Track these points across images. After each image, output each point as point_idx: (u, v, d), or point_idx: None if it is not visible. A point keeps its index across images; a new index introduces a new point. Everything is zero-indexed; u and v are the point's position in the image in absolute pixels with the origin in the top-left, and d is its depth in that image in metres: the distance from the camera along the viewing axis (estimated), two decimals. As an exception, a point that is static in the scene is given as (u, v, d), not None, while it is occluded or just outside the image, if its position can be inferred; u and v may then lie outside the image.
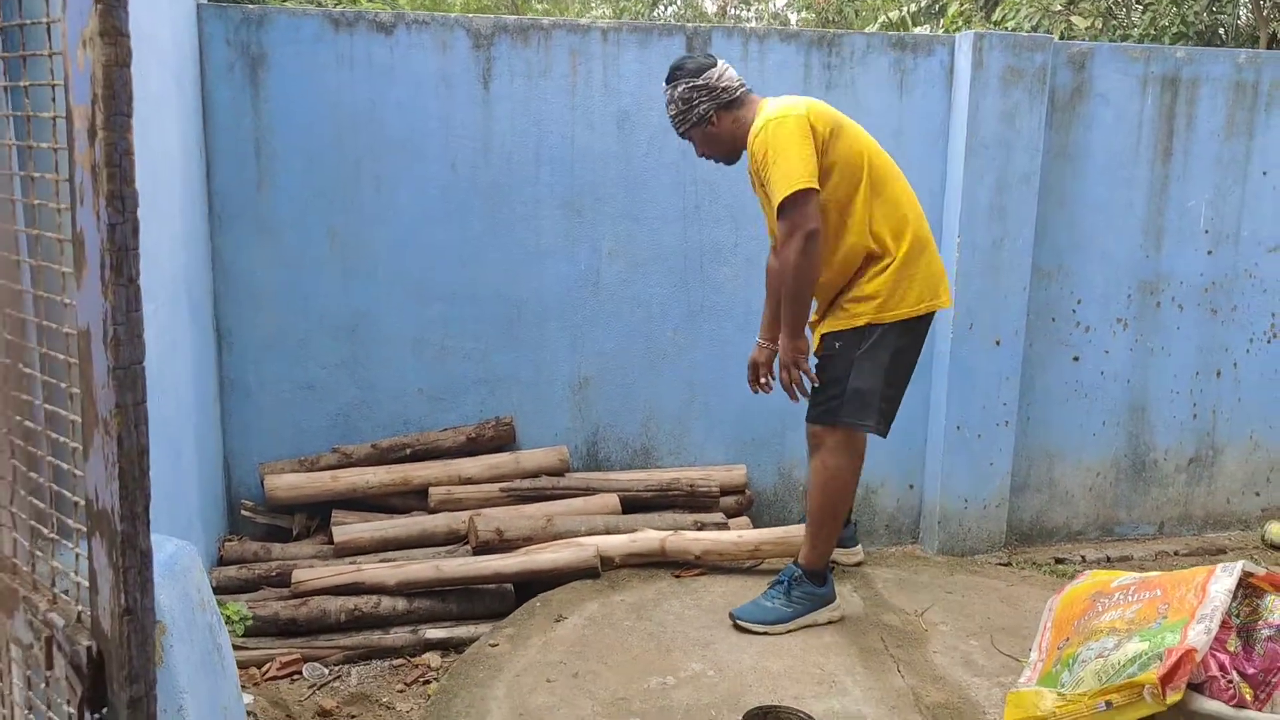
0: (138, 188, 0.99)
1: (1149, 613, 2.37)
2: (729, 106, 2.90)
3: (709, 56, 2.96)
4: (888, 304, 2.92)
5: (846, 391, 2.92)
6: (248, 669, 3.06)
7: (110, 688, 1.06)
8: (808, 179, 2.73)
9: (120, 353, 0.99)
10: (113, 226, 0.97)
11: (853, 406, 2.92)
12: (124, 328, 0.99)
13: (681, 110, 2.90)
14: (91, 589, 1.07)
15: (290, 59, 3.52)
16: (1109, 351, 4.24)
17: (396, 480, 3.65)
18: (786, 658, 2.83)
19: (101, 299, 0.99)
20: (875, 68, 3.89)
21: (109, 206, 0.97)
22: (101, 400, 1.01)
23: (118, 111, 0.96)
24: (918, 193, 3.96)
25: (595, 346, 3.89)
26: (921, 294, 2.96)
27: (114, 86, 0.95)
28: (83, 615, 1.12)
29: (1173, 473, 4.43)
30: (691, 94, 2.87)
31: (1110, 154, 4.09)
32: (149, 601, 1.05)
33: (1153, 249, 4.20)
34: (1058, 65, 3.97)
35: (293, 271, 3.64)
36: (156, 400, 2.82)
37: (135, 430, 1.01)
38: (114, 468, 1.00)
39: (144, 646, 1.04)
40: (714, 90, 2.87)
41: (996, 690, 2.67)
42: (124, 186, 0.97)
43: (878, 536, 4.20)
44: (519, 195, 3.75)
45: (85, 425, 1.04)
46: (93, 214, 0.98)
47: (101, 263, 0.98)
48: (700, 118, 2.90)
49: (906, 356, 3.01)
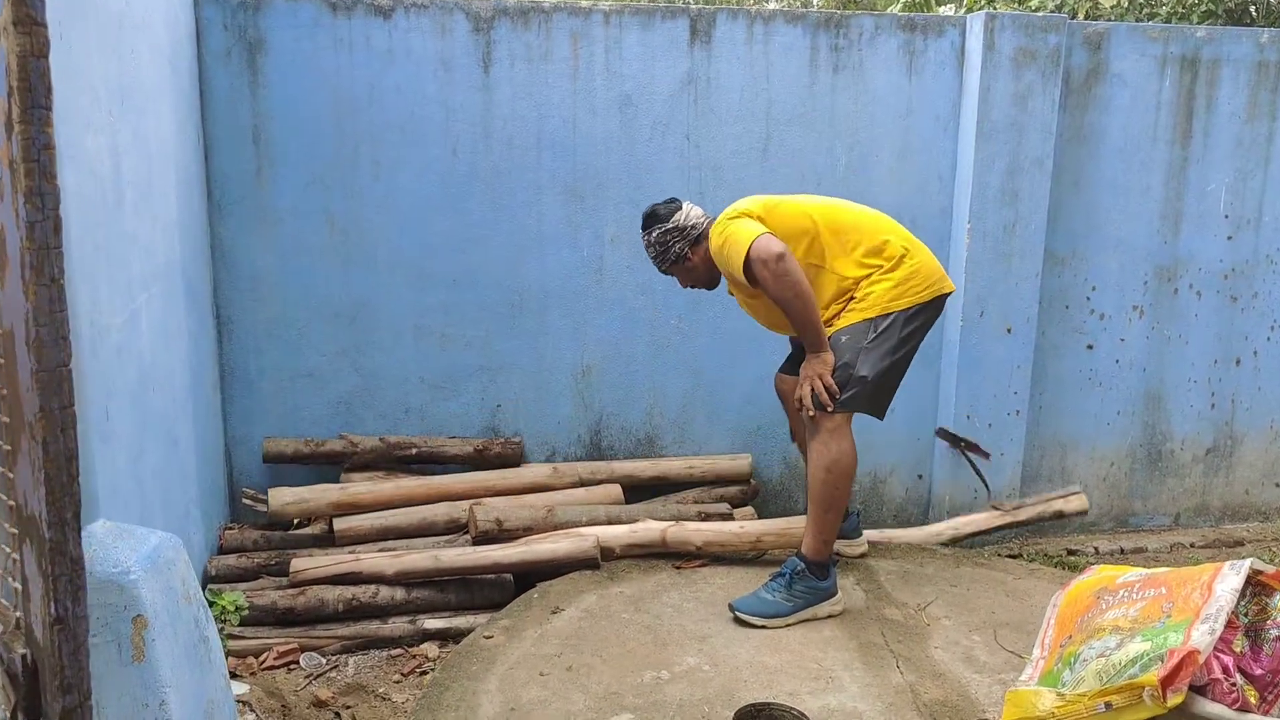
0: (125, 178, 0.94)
1: (1153, 611, 2.31)
2: (698, 240, 3.11)
3: (674, 201, 3.14)
4: (899, 297, 2.99)
5: (852, 379, 2.93)
6: (245, 658, 3.06)
7: (44, 698, 1.03)
8: (755, 232, 2.90)
9: (44, 355, 0.95)
10: (32, 224, 0.93)
11: (855, 392, 2.94)
12: (47, 329, 0.95)
13: (659, 252, 3.13)
14: (24, 596, 1.04)
15: (288, 44, 3.49)
16: (1124, 339, 4.15)
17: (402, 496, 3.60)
18: (784, 652, 2.79)
19: (23, 299, 0.95)
20: (884, 50, 3.80)
21: (28, 203, 0.93)
22: (27, 404, 0.97)
23: (35, 104, 0.92)
24: (926, 178, 3.91)
25: (598, 334, 3.85)
26: (928, 280, 3.03)
27: (30, 78, 0.91)
28: (20, 622, 1.10)
29: (1190, 463, 4.34)
30: (665, 238, 3.10)
31: (1127, 137, 3.99)
32: (81, 610, 1.01)
33: (1170, 234, 4.10)
34: (1073, 46, 3.87)
35: (292, 258, 3.61)
36: (151, 389, 2.82)
37: (62, 435, 0.97)
38: (40, 473, 0.97)
39: (76, 656, 1.01)
40: (684, 230, 3.09)
41: (997, 688, 2.62)
42: (43, 182, 0.93)
43: (885, 527, 4.12)
44: (520, 181, 3.70)
45: (13, 429, 1.01)
46: (12, 211, 0.94)
47: (22, 261, 0.94)
48: (678, 256, 3.12)
49: (913, 341, 3.05)
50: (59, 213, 0.95)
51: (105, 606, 1.93)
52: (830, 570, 3.02)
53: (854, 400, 2.96)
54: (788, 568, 3.00)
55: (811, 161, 3.84)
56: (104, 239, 2.43)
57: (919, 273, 3.00)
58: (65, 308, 0.97)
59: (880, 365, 2.95)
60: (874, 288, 2.99)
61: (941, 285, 3.07)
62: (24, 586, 1.04)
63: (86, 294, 2.29)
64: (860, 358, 2.94)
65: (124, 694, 1.96)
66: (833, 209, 3.08)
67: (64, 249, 2.02)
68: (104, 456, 2.35)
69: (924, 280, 3.02)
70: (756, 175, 3.81)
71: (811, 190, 3.84)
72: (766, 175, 3.81)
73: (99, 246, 2.39)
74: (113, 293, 2.50)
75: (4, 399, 1.06)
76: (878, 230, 3.04)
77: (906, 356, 3.04)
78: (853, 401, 2.96)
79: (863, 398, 2.97)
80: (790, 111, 3.80)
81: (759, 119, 3.78)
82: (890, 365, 2.98)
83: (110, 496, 2.35)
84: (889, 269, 2.99)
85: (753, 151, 3.80)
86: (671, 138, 3.75)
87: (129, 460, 2.58)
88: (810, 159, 3.84)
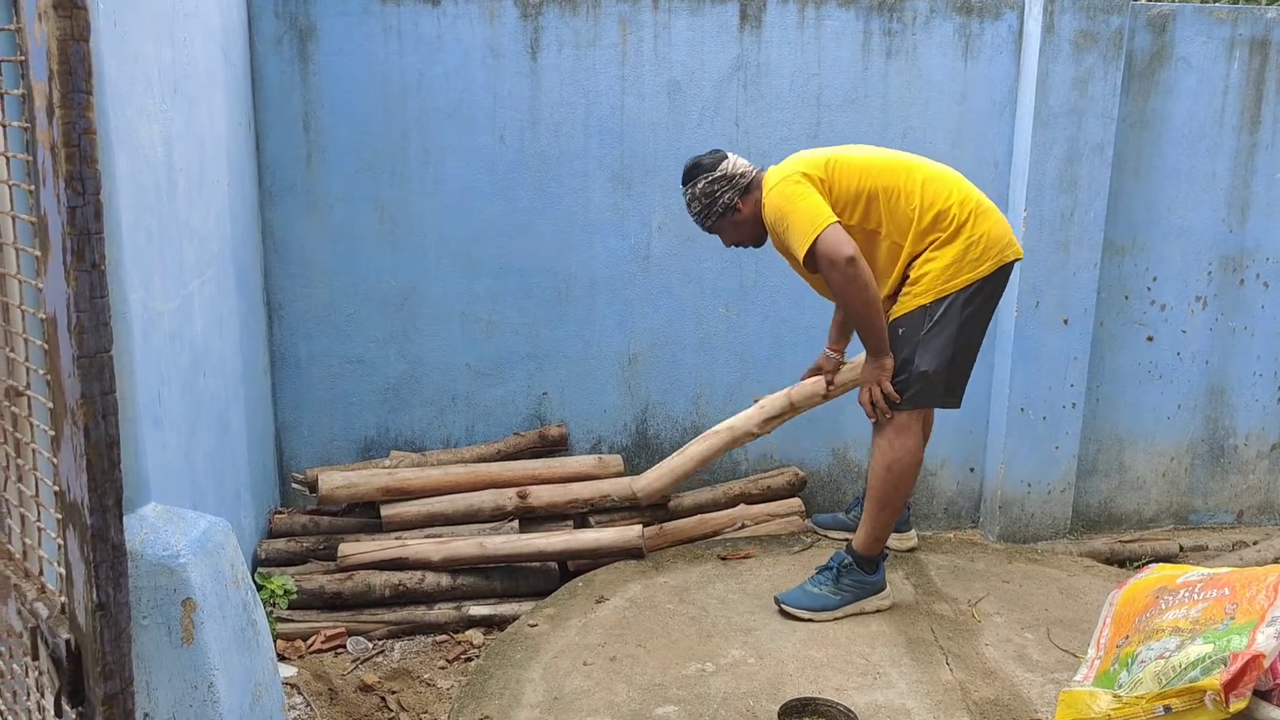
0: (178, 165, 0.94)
1: (1215, 613, 2.23)
2: (748, 190, 2.94)
3: (717, 151, 2.98)
4: (955, 276, 2.80)
5: (913, 375, 2.82)
6: (293, 641, 3.09)
7: (86, 683, 1.04)
8: (822, 219, 2.73)
9: (84, 341, 0.95)
10: (73, 209, 0.93)
11: (918, 389, 2.83)
12: (88, 315, 0.95)
13: (705, 205, 2.95)
14: (68, 582, 1.05)
15: (338, 31, 3.50)
16: (1186, 331, 4.02)
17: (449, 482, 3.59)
18: (831, 647, 2.75)
19: (65, 285, 0.95)
20: (939, 33, 3.71)
21: (69, 188, 0.92)
22: (69, 390, 0.97)
23: (75, 88, 0.91)
24: (981, 164, 3.81)
25: (645, 322, 3.82)
26: (987, 251, 2.80)
27: (70, 61, 0.90)
28: (66, 607, 1.10)
29: (1254, 459, 4.21)
30: (713, 187, 2.92)
31: (1192, 122, 3.86)
32: (123, 597, 1.01)
33: (1236, 223, 3.96)
34: (1136, 28, 3.75)
35: (341, 245, 3.63)
36: (203, 374, 2.85)
37: (103, 421, 0.97)
38: (82, 460, 0.97)
39: (118, 643, 1.01)
40: (732, 179, 2.92)
41: (1050, 687, 2.55)
42: (84, 167, 0.93)
43: (935, 520, 4.08)
44: (568, 167, 3.68)
45: (55, 415, 1.01)
46: (53, 196, 0.94)
47: (63, 247, 0.94)
48: (726, 207, 2.94)
49: (979, 318, 2.87)
50: (100, 198, 0.94)
51: (155, 589, 1.95)
52: (880, 566, 2.96)
53: (918, 397, 2.83)
54: (835, 560, 2.95)
55: (863, 148, 3.76)
56: (157, 226, 2.46)
57: (978, 243, 2.78)
58: (106, 293, 0.96)
59: (942, 356, 2.80)
60: (929, 266, 2.80)
61: (1003, 254, 2.82)
62: (68, 572, 1.04)
63: (139, 280, 2.31)
64: (919, 351, 2.80)
65: (174, 676, 1.99)
66: (894, 168, 2.86)
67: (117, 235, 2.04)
68: (156, 441, 2.38)
69: (983, 251, 2.78)
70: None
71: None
72: (817, 162, 3.74)
73: (152, 233, 2.42)
74: (165, 279, 2.53)
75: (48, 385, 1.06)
76: (940, 194, 2.81)
77: (974, 338, 2.86)
78: (918, 398, 2.83)
79: (928, 393, 2.83)
80: (841, 97, 3.73)
81: (809, 105, 3.72)
82: (955, 353, 2.82)
83: (162, 480, 2.38)
84: (944, 241, 2.78)
85: (802, 138, 3.74)
86: (720, 124, 3.71)
87: (181, 444, 2.61)
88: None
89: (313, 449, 3.75)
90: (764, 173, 2.96)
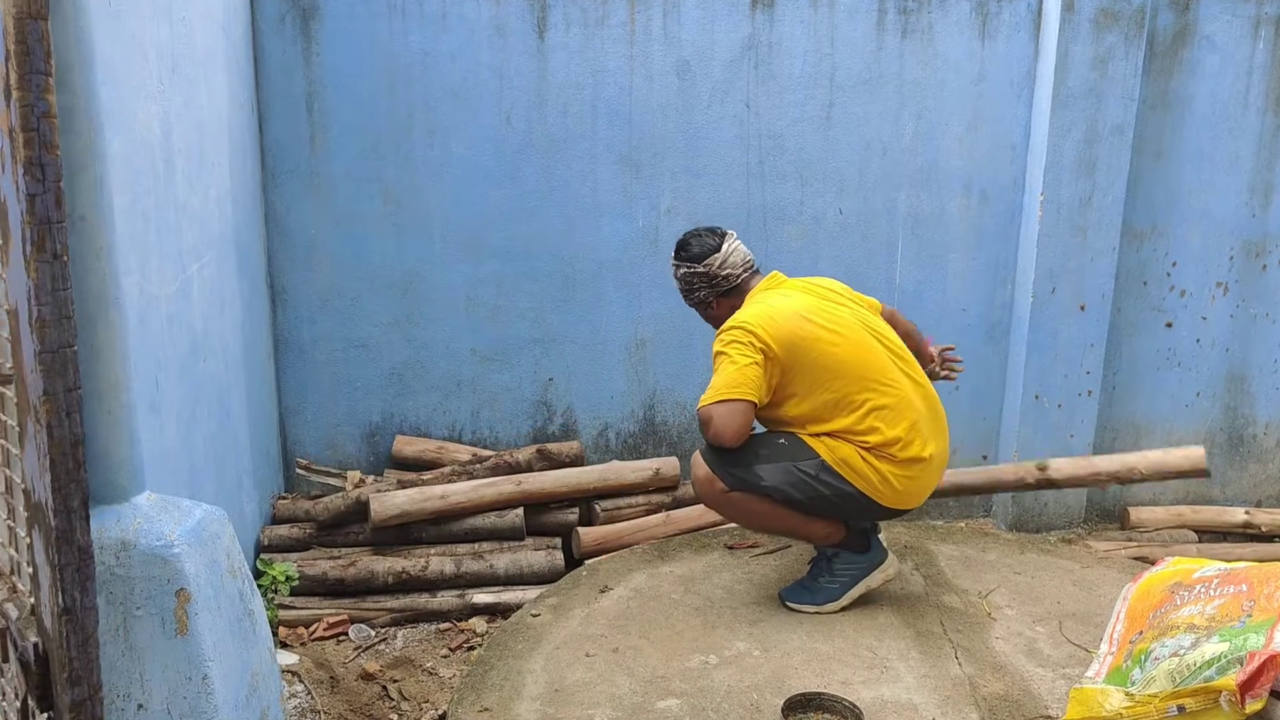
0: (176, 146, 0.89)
1: (1232, 610, 2.18)
2: (727, 294, 2.75)
3: (717, 235, 2.74)
4: (850, 472, 2.62)
5: (758, 480, 2.64)
6: (295, 628, 3.07)
7: (54, 689, 1.00)
8: (737, 393, 2.54)
9: (47, 335, 0.90)
10: (32, 197, 0.88)
11: (754, 484, 2.66)
12: (50, 308, 0.90)
13: (682, 289, 2.81)
14: (35, 584, 1.01)
15: (342, 10, 3.44)
16: (1206, 318, 3.94)
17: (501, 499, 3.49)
18: (837, 639, 2.70)
19: (25, 276, 0.90)
20: (955, 12, 3.63)
21: (28, 175, 0.88)
22: (31, 386, 0.93)
23: (34, 69, 0.86)
24: (998, 146, 3.74)
25: (653, 307, 3.77)
26: (891, 490, 2.64)
27: (28, 41, 0.85)
28: (34, 609, 1.06)
29: (1273, 447, 4.13)
30: (691, 279, 2.75)
31: (1215, 103, 3.76)
32: (90, 601, 0.97)
33: (1260, 207, 3.87)
34: (1158, 7, 3.65)
35: (345, 227, 3.59)
36: (203, 359, 2.82)
37: (67, 419, 0.93)
38: (45, 459, 0.93)
39: (85, 648, 0.97)
40: (712, 279, 2.72)
41: (1061, 683, 2.50)
42: (44, 153, 0.88)
43: (947, 510, 4.02)
44: (575, 149, 3.62)
45: (20, 411, 0.97)
46: (12, 183, 0.89)
47: (23, 236, 0.89)
48: (700, 302, 2.80)
49: (823, 492, 2.66)
50: (61, 185, 0.90)
51: (148, 580, 1.92)
52: (868, 538, 2.86)
53: (750, 478, 2.64)
54: (823, 551, 2.89)
55: (877, 130, 3.69)
56: (153, 208, 2.41)
57: (889, 481, 2.61)
58: (69, 285, 0.92)
59: (788, 488, 2.61)
60: (842, 449, 2.61)
61: (895, 502, 2.65)
62: (35, 573, 1.00)
63: (135, 263, 2.27)
64: (772, 467, 2.62)
65: (168, 667, 1.96)
66: (860, 377, 2.61)
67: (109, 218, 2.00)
68: (152, 426, 2.35)
69: (890, 488, 2.62)
70: (818, 144, 3.67)
71: (877, 159, 3.71)
72: (829, 144, 3.68)
73: (148, 215, 2.38)
74: (163, 262, 2.49)
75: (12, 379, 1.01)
76: (891, 422, 2.60)
77: (811, 498, 2.64)
78: (747, 484, 2.64)
79: (764, 489, 2.63)
80: (855, 78, 3.65)
81: (822, 85, 3.65)
82: (800, 494, 2.63)
83: (159, 466, 2.35)
84: (870, 448, 2.60)
85: (815, 119, 3.67)
86: (730, 105, 3.63)
87: (179, 430, 2.58)
88: (875, 127, 3.69)
89: (317, 434, 3.71)
90: (758, 279, 2.77)
